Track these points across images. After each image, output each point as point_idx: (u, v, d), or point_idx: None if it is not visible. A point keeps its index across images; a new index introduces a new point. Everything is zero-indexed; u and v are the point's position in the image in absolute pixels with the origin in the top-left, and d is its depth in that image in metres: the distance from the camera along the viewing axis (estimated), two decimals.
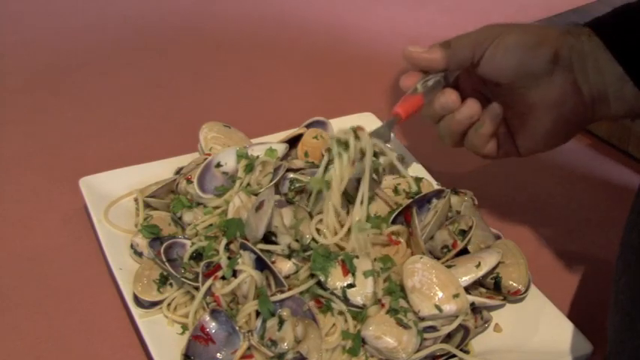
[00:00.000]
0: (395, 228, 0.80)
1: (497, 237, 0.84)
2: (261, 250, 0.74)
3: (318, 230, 0.76)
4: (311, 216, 0.78)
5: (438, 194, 0.83)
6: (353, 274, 0.73)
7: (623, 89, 0.70)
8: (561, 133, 0.74)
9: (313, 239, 0.75)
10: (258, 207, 0.75)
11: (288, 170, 0.84)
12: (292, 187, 0.83)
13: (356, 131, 0.75)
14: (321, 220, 0.77)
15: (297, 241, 0.75)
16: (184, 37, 1.35)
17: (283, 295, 0.72)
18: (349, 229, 0.76)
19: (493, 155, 0.78)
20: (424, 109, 0.76)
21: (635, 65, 0.69)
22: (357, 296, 0.73)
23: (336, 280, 0.73)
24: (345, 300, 0.72)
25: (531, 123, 0.73)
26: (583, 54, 0.70)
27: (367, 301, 0.73)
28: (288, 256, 0.75)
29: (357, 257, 0.74)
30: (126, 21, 1.40)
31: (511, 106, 0.74)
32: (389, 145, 0.79)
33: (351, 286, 0.73)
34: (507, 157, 0.78)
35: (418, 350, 0.71)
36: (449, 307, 0.72)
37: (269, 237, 0.75)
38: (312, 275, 0.74)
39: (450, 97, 0.73)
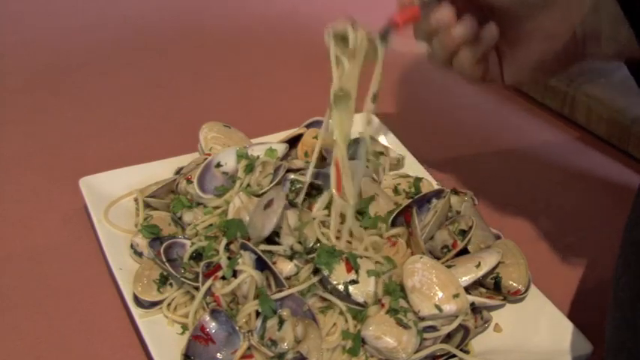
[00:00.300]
0: (395, 231, 0.80)
1: (497, 237, 0.84)
2: (263, 251, 0.74)
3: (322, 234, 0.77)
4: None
5: (438, 194, 0.83)
6: (356, 272, 0.73)
7: (618, 30, 0.70)
8: (548, 67, 0.75)
9: (318, 240, 0.76)
10: (267, 205, 0.75)
11: (289, 171, 0.84)
12: (293, 189, 0.83)
13: (353, 23, 0.73)
14: (324, 223, 0.77)
15: (300, 243, 0.75)
16: (184, 37, 1.35)
17: (284, 293, 0.72)
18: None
19: (478, 79, 0.77)
20: (419, 24, 0.76)
21: (632, 7, 0.69)
22: (358, 293, 0.72)
23: (340, 275, 0.73)
24: (347, 296, 0.72)
25: (521, 53, 0.73)
26: None
27: (368, 299, 0.73)
28: (290, 258, 0.75)
29: (361, 257, 0.75)
30: (126, 21, 1.39)
31: (504, 34, 0.74)
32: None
33: (354, 282, 0.73)
34: (491, 83, 0.77)
35: (418, 350, 0.71)
36: (449, 307, 0.72)
37: (271, 237, 0.75)
38: (314, 273, 0.74)
39: (446, 11, 0.73)
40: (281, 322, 0.70)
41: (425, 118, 1.13)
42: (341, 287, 0.73)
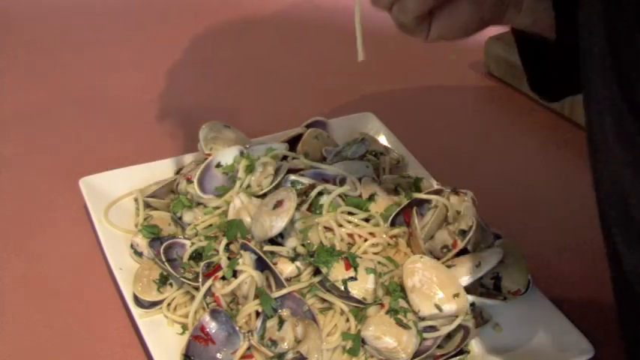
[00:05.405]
0: (395, 231, 0.80)
1: (497, 237, 0.84)
2: (265, 251, 0.74)
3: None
4: None
5: (437, 194, 0.83)
6: (355, 269, 0.73)
7: (537, 3, 0.71)
8: (472, 27, 0.74)
9: (322, 244, 0.76)
10: (276, 205, 0.75)
11: (289, 171, 0.84)
12: (296, 190, 0.82)
13: None
14: (328, 229, 0.77)
15: (303, 246, 0.75)
16: (184, 37, 1.35)
17: (285, 290, 0.72)
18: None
19: (411, 29, 0.77)
20: None
21: None
22: (356, 289, 0.72)
23: (338, 273, 0.73)
24: (346, 292, 0.72)
25: (452, 13, 0.73)
26: None
27: (367, 295, 0.73)
28: (292, 260, 0.75)
29: (361, 257, 0.75)
30: (126, 19, 1.39)
31: None
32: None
33: (352, 279, 0.73)
34: (413, 36, 0.78)
35: (418, 351, 0.71)
36: (449, 307, 0.72)
37: (275, 237, 0.75)
38: (315, 275, 0.74)
39: None
40: (281, 322, 0.70)
41: (425, 118, 1.13)
42: (339, 284, 0.73)
